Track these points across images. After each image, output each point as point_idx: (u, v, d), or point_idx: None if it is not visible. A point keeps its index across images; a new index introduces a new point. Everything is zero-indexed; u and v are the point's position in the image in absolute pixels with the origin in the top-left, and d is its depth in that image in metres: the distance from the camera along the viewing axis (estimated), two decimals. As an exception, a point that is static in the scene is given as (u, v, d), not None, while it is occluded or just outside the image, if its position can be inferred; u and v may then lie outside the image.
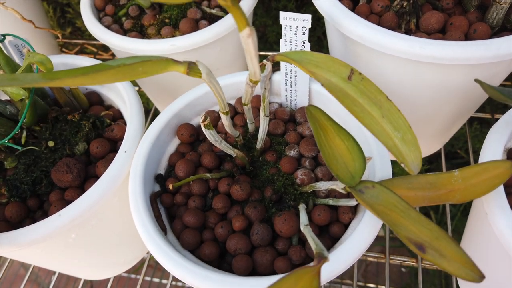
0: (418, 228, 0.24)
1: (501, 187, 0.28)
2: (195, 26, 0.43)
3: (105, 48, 0.76)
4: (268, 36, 0.83)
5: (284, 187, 0.32)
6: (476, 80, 0.26)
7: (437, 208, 0.76)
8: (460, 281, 0.43)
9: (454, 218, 0.74)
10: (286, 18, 0.32)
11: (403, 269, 0.96)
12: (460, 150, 0.76)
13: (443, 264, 0.23)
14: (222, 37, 0.42)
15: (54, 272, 0.47)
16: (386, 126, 0.23)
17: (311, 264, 0.21)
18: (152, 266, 0.92)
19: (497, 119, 0.54)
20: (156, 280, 0.89)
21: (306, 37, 0.33)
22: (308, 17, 0.32)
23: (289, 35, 0.33)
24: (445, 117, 0.42)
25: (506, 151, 0.32)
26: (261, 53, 0.70)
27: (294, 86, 0.36)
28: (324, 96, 0.36)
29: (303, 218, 0.27)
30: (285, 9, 0.78)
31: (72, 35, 0.88)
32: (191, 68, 0.23)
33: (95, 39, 0.79)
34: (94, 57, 0.73)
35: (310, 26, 0.32)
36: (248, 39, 0.19)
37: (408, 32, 0.37)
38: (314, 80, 0.36)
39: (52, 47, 0.69)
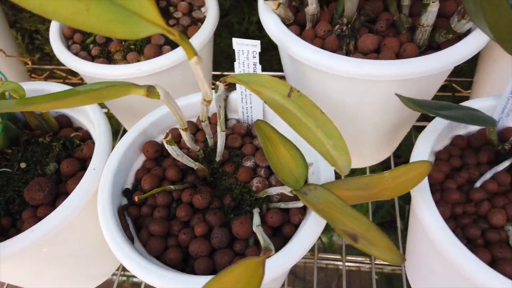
0: (352, 222, 0.28)
1: (427, 185, 0.33)
2: (158, 51, 0.47)
3: (73, 73, 0.78)
4: (232, 57, 0.87)
5: (241, 195, 0.35)
6: (396, 94, 0.31)
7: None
8: (410, 281, 0.47)
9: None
10: (238, 44, 0.36)
11: (376, 277, 1.00)
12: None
13: (373, 251, 0.27)
14: (184, 61, 0.46)
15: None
16: (320, 135, 0.27)
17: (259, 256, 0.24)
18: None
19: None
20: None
21: (257, 60, 0.37)
22: (257, 42, 0.36)
23: (242, 58, 0.37)
24: (387, 127, 0.46)
25: (434, 154, 0.37)
26: (225, 73, 0.74)
27: (250, 103, 0.40)
28: (277, 111, 0.40)
29: (256, 220, 0.30)
30: (247, 31, 0.83)
31: (41, 60, 0.90)
32: (150, 91, 0.26)
33: (63, 64, 0.81)
34: (64, 82, 0.76)
35: (259, 50, 0.36)
36: (197, 66, 0.23)
37: (348, 53, 0.41)
38: (267, 98, 0.40)
39: (21, 73, 0.71)
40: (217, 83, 0.31)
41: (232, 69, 0.80)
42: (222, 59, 0.89)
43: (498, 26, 0.23)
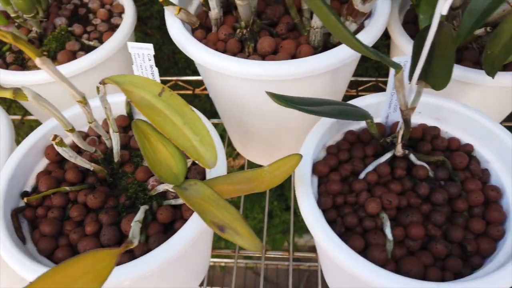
0: (222, 213, 0.29)
1: (308, 177, 0.34)
2: (72, 57, 0.48)
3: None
4: (178, 62, 0.89)
5: (136, 193, 0.36)
6: (266, 92, 0.32)
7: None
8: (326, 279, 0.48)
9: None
10: (133, 47, 0.37)
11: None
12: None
13: (237, 240, 0.28)
14: (98, 64, 0.47)
15: None
16: (187, 131, 0.29)
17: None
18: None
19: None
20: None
21: (152, 62, 0.38)
22: (150, 46, 0.37)
23: (139, 61, 0.38)
24: (299, 125, 0.48)
25: (326, 148, 0.39)
26: (173, 78, 0.75)
27: (153, 105, 0.41)
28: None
29: (138, 216, 0.31)
30: (189, 37, 0.84)
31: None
32: (17, 93, 0.27)
33: None
34: None
35: (153, 53, 0.37)
36: (43, 66, 0.24)
37: (249, 55, 0.43)
38: (169, 99, 0.41)
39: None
40: (97, 84, 0.32)
41: (181, 75, 0.81)
42: (171, 64, 0.90)
43: (332, 29, 0.25)
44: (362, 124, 0.41)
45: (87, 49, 0.50)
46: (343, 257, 0.30)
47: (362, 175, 0.36)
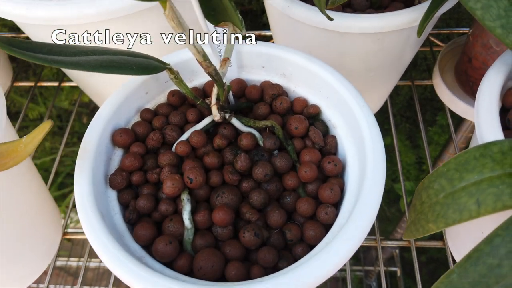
0: None
1: (93, 148, 0.27)
2: None
3: None
4: None
5: None
6: None
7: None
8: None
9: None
10: None
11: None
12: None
13: None
14: None
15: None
16: None
17: None
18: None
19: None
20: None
21: None
22: None
23: None
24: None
25: (139, 111, 0.31)
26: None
27: None
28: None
29: None
30: None
31: None
32: None
33: None
34: None
35: None
36: None
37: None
38: None
39: None
40: None
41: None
42: None
43: None
44: (195, 82, 0.33)
45: None
46: (100, 249, 0.23)
47: (174, 147, 0.29)
